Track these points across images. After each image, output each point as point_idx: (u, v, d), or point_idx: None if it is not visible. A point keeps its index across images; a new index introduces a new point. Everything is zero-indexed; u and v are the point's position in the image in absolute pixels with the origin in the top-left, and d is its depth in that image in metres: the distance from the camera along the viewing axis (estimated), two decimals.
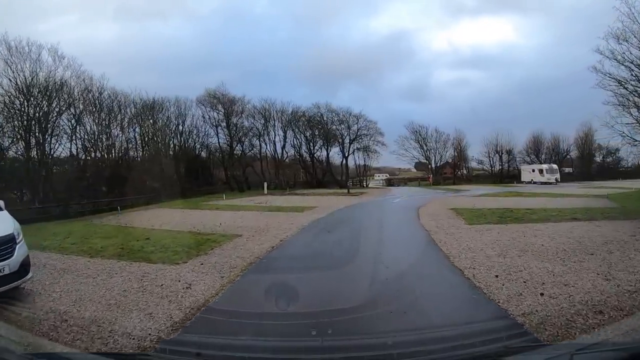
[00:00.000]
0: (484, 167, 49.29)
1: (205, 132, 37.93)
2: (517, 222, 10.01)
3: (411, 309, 4.08)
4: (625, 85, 16.98)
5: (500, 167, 47.49)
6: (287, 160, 42.67)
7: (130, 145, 30.25)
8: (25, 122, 22.13)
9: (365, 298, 4.41)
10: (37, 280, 5.53)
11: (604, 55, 17.31)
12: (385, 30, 68.76)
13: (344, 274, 5.61)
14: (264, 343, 3.40)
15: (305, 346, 3.32)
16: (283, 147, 41.54)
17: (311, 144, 42.29)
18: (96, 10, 54.53)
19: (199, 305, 4.24)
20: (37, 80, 22.41)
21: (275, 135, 41.02)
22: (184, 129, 35.52)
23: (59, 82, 23.37)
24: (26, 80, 22.02)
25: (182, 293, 4.69)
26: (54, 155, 24.41)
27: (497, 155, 47.36)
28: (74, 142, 25.52)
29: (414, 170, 56.39)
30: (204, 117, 37.55)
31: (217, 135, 38.80)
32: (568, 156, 47.11)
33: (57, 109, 23.88)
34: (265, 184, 33.97)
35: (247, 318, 3.98)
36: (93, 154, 26.65)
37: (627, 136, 19.05)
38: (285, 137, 41.28)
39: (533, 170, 40.51)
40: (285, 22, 66.64)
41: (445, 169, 49.77)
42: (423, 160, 49.40)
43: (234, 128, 39.03)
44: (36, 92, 22.54)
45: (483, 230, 8.88)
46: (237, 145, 39.78)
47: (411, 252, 7.46)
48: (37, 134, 22.83)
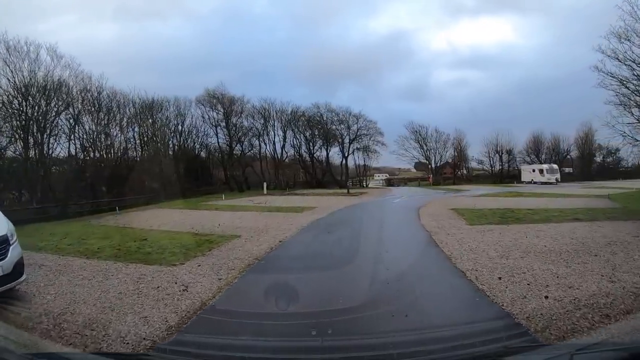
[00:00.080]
0: (484, 167, 49.29)
1: (205, 132, 37.93)
2: (518, 222, 9.95)
3: (413, 311, 4.00)
4: (627, 85, 16.92)
5: (500, 167, 47.45)
6: (286, 160, 42.60)
7: (130, 145, 30.17)
8: (23, 121, 22.01)
9: (365, 300, 4.32)
10: (32, 282, 5.47)
11: (605, 54, 17.27)
12: (384, 30, 68.74)
13: (344, 276, 5.53)
14: (264, 343, 3.40)
15: (305, 346, 3.30)
16: (282, 147, 41.57)
17: (311, 144, 42.26)
18: (95, 10, 54.62)
19: (195, 309, 4.15)
20: (35, 79, 22.33)
21: (274, 135, 41.03)
22: (183, 129, 35.51)
23: (57, 82, 23.29)
24: (24, 79, 21.95)
25: (179, 296, 4.60)
26: (53, 155, 24.33)
27: (497, 155, 47.38)
28: (73, 142, 25.44)
29: (414, 170, 56.34)
30: (203, 117, 37.56)
31: (217, 135, 38.81)
32: (568, 156, 47.08)
33: (55, 109, 23.78)
34: (265, 184, 33.89)
35: (245, 319, 3.91)
36: (92, 153, 26.53)
37: (628, 136, 19.03)
38: (284, 137, 41.29)
39: (533, 170, 40.45)
40: (284, 22, 66.62)
41: (445, 169, 49.71)
42: (423, 160, 49.39)
43: (234, 128, 39.01)
44: (35, 92, 22.42)
45: (484, 230, 8.80)
46: (236, 145, 39.76)
47: (412, 253, 7.36)
48: (36, 134, 22.72)
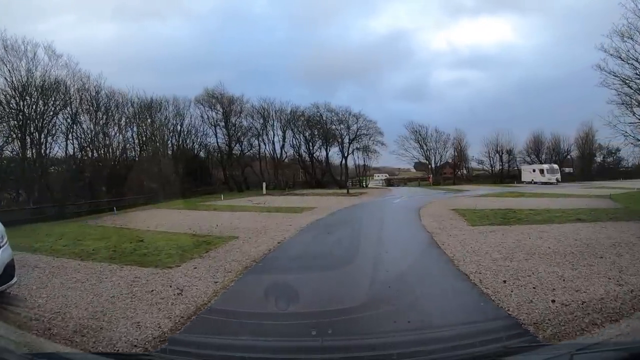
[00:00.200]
0: (484, 167, 49.22)
1: (204, 131, 37.79)
2: (520, 223, 9.83)
3: (415, 317, 3.85)
4: (629, 84, 16.77)
5: (501, 167, 47.36)
6: (286, 160, 42.45)
7: (128, 145, 30.04)
8: (21, 121, 21.85)
9: (365, 304, 4.19)
10: (24, 284, 5.36)
11: (608, 53, 17.13)
12: (384, 30, 68.67)
13: (344, 279, 5.40)
14: (264, 343, 3.39)
15: (305, 346, 3.29)
16: (282, 147, 41.46)
17: (310, 143, 42.12)
18: (94, 10, 54.43)
19: (189, 314, 4.01)
20: (33, 78, 22.16)
21: (274, 135, 40.93)
22: (182, 129, 35.39)
23: (54, 81, 23.12)
24: (22, 78, 21.77)
25: (173, 300, 4.45)
26: (51, 155, 24.17)
27: (497, 155, 47.30)
28: (71, 141, 25.28)
29: (414, 170, 56.26)
30: (202, 117, 37.43)
31: (216, 135, 38.67)
32: (569, 156, 47.00)
33: (53, 108, 23.60)
34: (264, 184, 33.76)
35: (241, 324, 3.79)
36: (90, 153, 26.37)
37: (630, 136, 18.86)
38: (284, 137, 41.18)
39: (534, 170, 40.34)
40: (283, 22, 66.53)
41: (445, 169, 49.61)
42: (423, 160, 49.31)
43: (233, 128, 38.88)
44: (32, 91, 22.26)
45: (487, 231, 8.67)
46: (235, 145, 39.63)
47: (414, 255, 7.21)
48: (33, 133, 22.56)
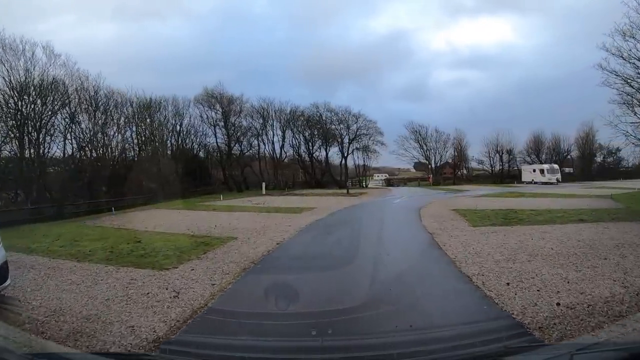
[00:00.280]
0: (484, 167, 49.18)
1: (203, 131, 37.73)
2: (522, 223, 9.75)
3: (418, 320, 3.74)
4: (631, 83, 16.67)
5: (501, 167, 47.31)
6: (285, 160, 42.39)
7: (127, 145, 29.86)
8: (19, 121, 21.72)
9: (366, 307, 4.09)
10: (19, 286, 5.28)
11: (609, 52, 17.01)
12: (383, 30, 68.73)
13: (344, 281, 5.30)
14: (263, 343, 3.38)
15: (305, 346, 3.28)
16: (282, 147, 41.42)
17: (310, 143, 42.07)
18: (94, 10, 54.32)
19: (185, 318, 3.90)
20: (31, 78, 22.01)
21: (273, 135, 40.87)
22: (181, 129, 35.30)
23: (53, 80, 22.98)
24: (20, 78, 21.65)
25: (169, 303, 4.35)
26: (49, 155, 24.01)
27: (497, 155, 47.24)
28: (69, 141, 25.12)
29: (413, 170, 56.21)
30: (201, 117, 37.38)
31: (215, 135, 38.62)
32: (569, 156, 46.95)
33: (51, 108, 23.47)
34: (264, 184, 33.69)
35: (238, 329, 3.70)
36: (89, 153, 26.23)
37: (631, 135, 18.77)
38: (283, 137, 41.13)
39: (534, 170, 40.27)
40: (283, 22, 66.59)
41: (445, 169, 49.54)
42: (423, 160, 49.25)
43: (232, 128, 38.82)
44: (31, 90, 22.13)
45: (488, 232, 8.58)
46: (235, 145, 39.59)
47: (415, 256, 7.11)
48: (32, 133, 22.43)
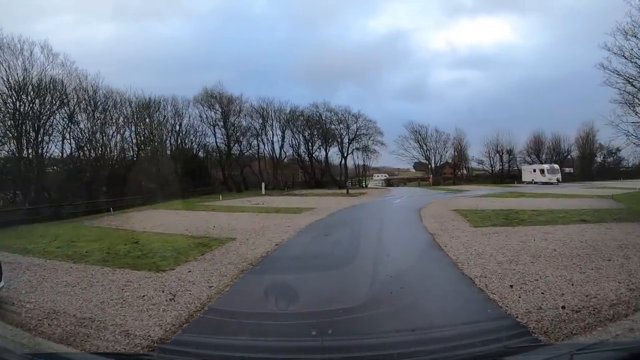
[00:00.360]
0: (484, 167, 49.05)
1: (203, 131, 37.51)
2: (524, 224, 9.65)
3: (420, 325, 3.64)
4: (633, 82, 16.57)
5: (501, 167, 47.20)
6: (285, 160, 42.24)
7: (126, 144, 29.70)
8: (17, 120, 21.60)
9: (366, 310, 4.01)
10: (13, 288, 5.23)
11: (611, 52, 16.90)
12: (383, 30, 68.75)
13: (344, 283, 5.21)
14: (263, 344, 3.36)
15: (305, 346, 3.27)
16: (281, 147, 41.25)
17: (310, 143, 41.90)
18: (94, 10, 54.11)
19: (181, 322, 3.81)
20: (29, 77, 21.89)
21: (273, 135, 40.71)
22: (181, 129, 35.09)
23: (51, 80, 22.86)
24: (18, 77, 21.52)
25: (165, 306, 4.26)
26: (47, 155, 23.89)
27: (497, 155, 47.11)
28: (68, 141, 24.97)
29: (413, 170, 56.11)
30: (201, 117, 37.16)
31: (215, 135, 38.40)
32: (569, 156, 46.86)
33: (50, 107, 23.35)
34: (263, 184, 33.58)
35: (235, 332, 3.62)
36: (87, 153, 26.11)
37: (633, 135, 18.68)
38: (283, 137, 40.96)
39: (534, 170, 40.18)
40: (283, 22, 66.58)
41: (445, 169, 49.42)
42: (423, 160, 49.10)
43: (232, 128, 38.64)
44: (29, 90, 22.02)
45: (490, 233, 8.48)
46: (234, 145, 39.40)
47: (416, 258, 6.99)
48: (30, 133, 22.31)
